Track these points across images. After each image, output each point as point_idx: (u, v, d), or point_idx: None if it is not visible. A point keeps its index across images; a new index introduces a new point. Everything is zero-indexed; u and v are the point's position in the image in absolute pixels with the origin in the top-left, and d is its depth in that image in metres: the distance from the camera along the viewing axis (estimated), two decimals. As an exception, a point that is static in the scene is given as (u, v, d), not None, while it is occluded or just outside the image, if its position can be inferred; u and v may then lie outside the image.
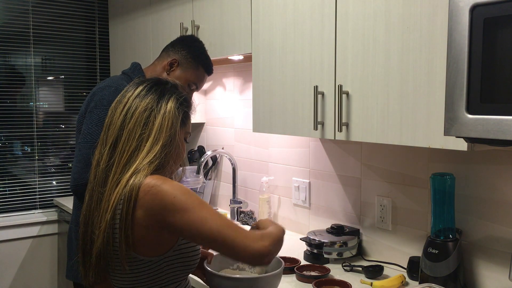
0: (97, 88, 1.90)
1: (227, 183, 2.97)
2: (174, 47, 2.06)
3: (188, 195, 1.21)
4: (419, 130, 1.49)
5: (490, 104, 1.15)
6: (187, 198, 1.21)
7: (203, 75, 2.09)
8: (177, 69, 2.03)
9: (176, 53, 2.04)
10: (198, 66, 2.05)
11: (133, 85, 1.34)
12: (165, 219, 1.20)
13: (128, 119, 1.28)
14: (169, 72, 2.03)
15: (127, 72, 2.03)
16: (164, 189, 1.20)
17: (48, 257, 3.47)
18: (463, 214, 1.74)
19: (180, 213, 1.19)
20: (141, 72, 2.03)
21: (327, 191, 2.30)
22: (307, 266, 1.95)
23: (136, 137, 1.26)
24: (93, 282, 1.30)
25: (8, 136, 3.37)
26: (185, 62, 2.03)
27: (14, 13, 3.36)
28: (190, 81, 2.04)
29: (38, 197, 3.48)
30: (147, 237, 1.23)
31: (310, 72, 1.85)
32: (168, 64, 2.03)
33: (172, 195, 1.20)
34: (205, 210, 1.21)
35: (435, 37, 1.42)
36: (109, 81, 1.93)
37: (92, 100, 1.86)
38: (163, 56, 2.07)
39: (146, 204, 1.20)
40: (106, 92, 1.84)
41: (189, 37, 2.19)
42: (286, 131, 1.99)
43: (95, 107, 1.81)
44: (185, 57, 2.03)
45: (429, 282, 1.67)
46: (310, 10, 1.84)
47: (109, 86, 1.87)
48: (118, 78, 1.99)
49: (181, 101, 1.33)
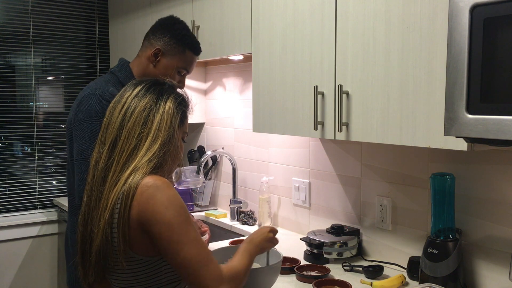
0: (83, 96, 1.80)
1: (227, 183, 2.97)
2: (155, 34, 1.92)
3: (178, 211, 1.21)
4: (419, 130, 1.49)
5: (490, 104, 1.15)
6: (176, 216, 1.21)
7: (191, 58, 1.94)
8: (163, 58, 1.89)
9: (158, 41, 1.89)
10: (184, 50, 1.90)
11: (131, 85, 1.36)
12: (149, 225, 1.20)
13: (127, 119, 1.29)
14: (155, 63, 1.90)
15: (114, 71, 1.93)
16: (158, 196, 1.21)
17: (48, 257, 3.47)
18: (463, 214, 1.74)
19: (162, 227, 1.20)
20: (128, 68, 1.93)
21: (327, 191, 2.30)
22: (307, 266, 1.95)
23: (135, 136, 1.27)
24: (92, 281, 1.30)
25: (8, 136, 3.37)
26: (170, 49, 1.88)
27: (14, 13, 3.37)
28: (179, 67, 1.91)
29: (38, 197, 3.48)
30: (142, 237, 1.23)
31: (310, 72, 1.85)
32: (152, 54, 1.89)
33: (164, 206, 1.20)
34: (186, 235, 1.21)
35: (435, 37, 1.42)
36: (94, 87, 1.82)
37: (79, 110, 1.77)
38: (146, 46, 1.94)
39: (140, 204, 1.21)
40: (92, 102, 1.75)
41: (168, 20, 1.98)
42: (286, 131, 1.99)
43: (84, 120, 1.74)
44: (168, 43, 1.89)
45: (429, 282, 1.67)
46: (310, 10, 1.84)
47: (94, 95, 1.77)
48: (103, 82, 1.87)
49: (180, 101, 1.35)
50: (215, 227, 2.77)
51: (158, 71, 1.89)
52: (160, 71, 1.89)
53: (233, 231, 2.68)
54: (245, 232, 2.57)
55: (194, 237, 1.23)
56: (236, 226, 2.67)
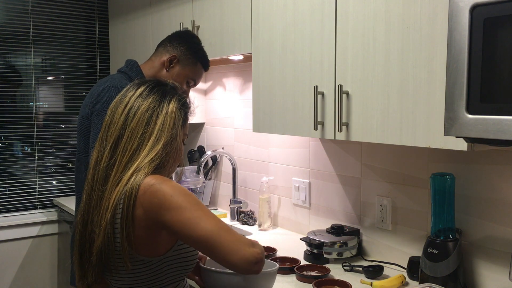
0: (101, 89, 1.88)
1: (227, 183, 2.97)
2: (172, 43, 2.05)
3: (185, 195, 1.22)
4: (419, 130, 1.49)
5: (490, 104, 1.15)
6: (184, 198, 1.21)
7: (200, 71, 2.10)
8: (176, 65, 2.03)
9: (175, 49, 2.03)
10: (196, 62, 2.06)
11: (133, 86, 1.35)
12: (161, 217, 1.20)
13: (130, 119, 1.28)
14: (168, 69, 2.03)
15: (125, 71, 2.01)
16: (163, 188, 1.21)
17: (48, 257, 3.47)
18: (463, 214, 1.74)
19: (174, 211, 1.20)
20: (139, 69, 2.02)
21: (327, 191, 2.30)
22: (307, 266, 1.95)
23: (138, 136, 1.27)
24: (92, 282, 1.30)
25: (8, 136, 3.37)
26: (184, 58, 2.03)
27: (14, 13, 3.36)
28: (189, 77, 2.05)
29: (38, 197, 3.48)
30: (146, 237, 1.23)
31: (310, 72, 1.85)
32: (168, 60, 2.02)
33: (169, 194, 1.21)
34: (201, 210, 1.22)
35: (435, 37, 1.42)
36: (112, 81, 1.91)
37: (97, 102, 1.83)
38: (161, 52, 2.06)
39: (145, 202, 1.21)
40: (112, 93, 1.81)
41: (186, 33, 2.18)
42: (286, 131, 1.99)
43: (102, 110, 1.79)
44: (184, 53, 2.03)
45: (429, 282, 1.67)
46: (310, 10, 1.84)
47: (114, 87, 1.85)
48: (119, 77, 1.96)
49: (183, 103, 1.36)
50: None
51: (169, 77, 1.99)
52: (172, 77, 2.00)
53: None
54: (245, 232, 2.57)
55: (208, 212, 1.24)
56: (236, 226, 2.67)
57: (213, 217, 1.23)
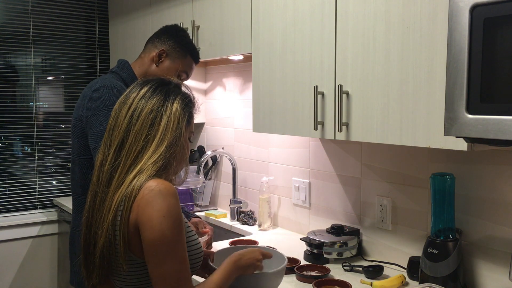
0: (93, 90, 1.86)
1: (227, 183, 2.97)
2: (160, 38, 2.06)
3: (175, 224, 1.19)
4: (419, 130, 1.49)
5: (490, 104, 1.15)
6: (172, 227, 1.19)
7: (191, 64, 2.10)
8: (166, 59, 2.03)
9: (163, 44, 2.04)
10: (186, 55, 2.06)
11: (137, 86, 1.34)
12: (143, 229, 1.19)
13: (134, 121, 1.27)
14: (158, 64, 2.03)
15: (116, 71, 2.01)
16: (159, 202, 1.19)
17: (48, 257, 3.47)
18: (463, 214, 1.74)
19: (156, 234, 1.18)
20: (130, 68, 2.02)
21: (327, 191, 2.30)
22: (307, 266, 1.95)
23: (142, 138, 1.26)
24: (96, 283, 1.29)
25: (8, 136, 3.37)
26: (173, 52, 2.03)
27: (14, 13, 3.36)
28: (180, 71, 2.05)
29: (38, 197, 3.48)
30: (139, 239, 1.22)
31: (310, 72, 1.85)
32: (157, 55, 2.02)
33: (162, 214, 1.18)
34: (176, 249, 1.20)
35: (435, 37, 1.42)
36: (102, 81, 1.89)
37: (91, 103, 1.81)
38: (150, 48, 2.06)
39: (139, 206, 1.20)
40: (105, 93, 1.81)
41: (173, 27, 2.17)
42: (286, 131, 1.99)
43: (99, 110, 1.79)
44: (172, 47, 2.03)
45: (429, 282, 1.67)
46: (310, 10, 1.84)
47: (105, 87, 1.84)
48: (109, 77, 1.95)
49: (187, 102, 1.33)
50: (215, 227, 2.76)
51: (160, 72, 1.99)
52: (163, 71, 2.00)
53: (233, 231, 2.68)
54: (245, 232, 2.57)
55: (181, 254, 1.21)
56: (236, 226, 2.67)
57: (181, 262, 1.21)
